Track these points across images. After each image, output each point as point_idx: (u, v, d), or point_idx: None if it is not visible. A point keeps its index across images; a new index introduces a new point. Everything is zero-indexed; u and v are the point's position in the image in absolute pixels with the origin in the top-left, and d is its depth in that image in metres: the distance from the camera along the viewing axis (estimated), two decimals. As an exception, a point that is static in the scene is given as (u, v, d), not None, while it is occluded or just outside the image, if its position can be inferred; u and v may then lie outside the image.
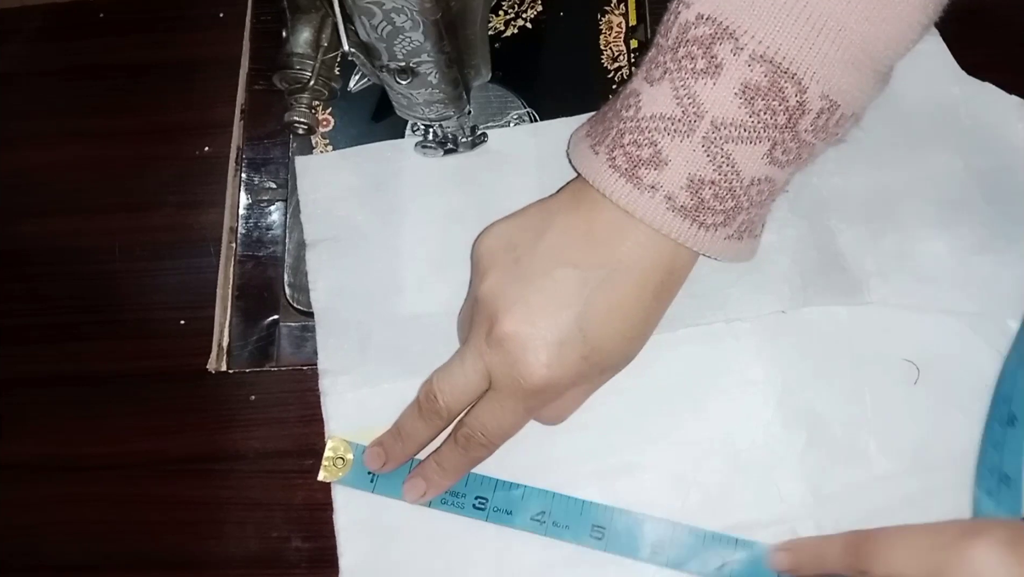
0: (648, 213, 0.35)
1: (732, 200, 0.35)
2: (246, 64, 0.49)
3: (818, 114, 0.34)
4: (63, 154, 0.49)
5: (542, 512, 0.40)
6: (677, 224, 0.35)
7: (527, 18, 0.48)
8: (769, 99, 0.33)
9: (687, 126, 0.34)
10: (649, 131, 0.35)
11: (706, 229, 0.35)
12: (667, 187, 0.34)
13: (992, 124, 0.43)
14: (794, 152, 0.35)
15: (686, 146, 0.34)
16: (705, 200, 0.34)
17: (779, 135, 0.34)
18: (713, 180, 0.34)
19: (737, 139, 0.34)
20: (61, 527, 0.44)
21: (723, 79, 0.33)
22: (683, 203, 0.34)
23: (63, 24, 0.52)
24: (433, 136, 0.44)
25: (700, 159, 0.34)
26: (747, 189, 0.35)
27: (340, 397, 0.42)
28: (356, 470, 0.41)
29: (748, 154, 0.34)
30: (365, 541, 0.40)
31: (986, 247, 0.42)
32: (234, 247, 0.47)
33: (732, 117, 0.33)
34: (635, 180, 0.35)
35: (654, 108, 0.35)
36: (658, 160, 0.34)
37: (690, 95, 0.34)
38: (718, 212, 0.35)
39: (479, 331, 0.37)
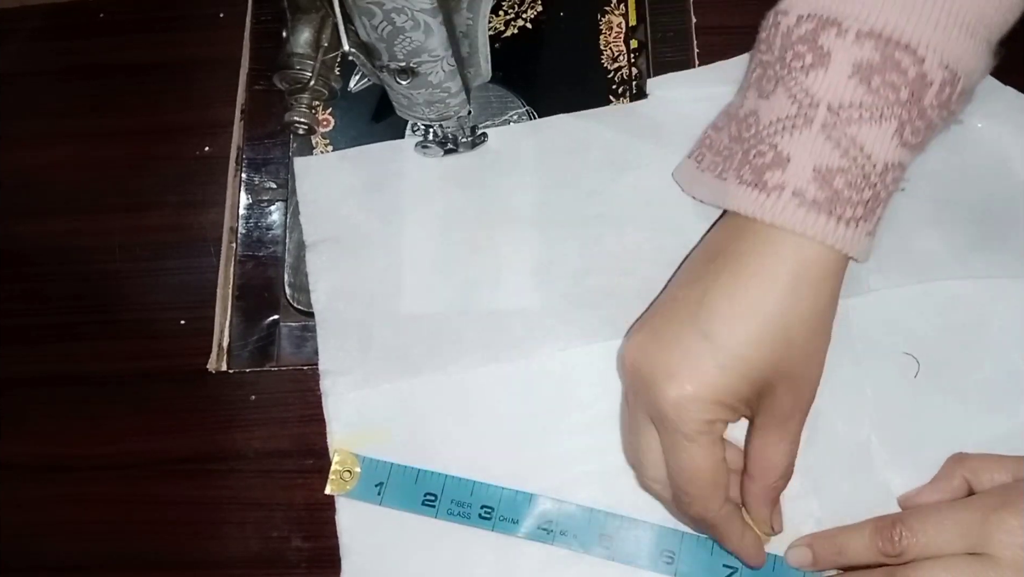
0: (777, 214, 0.33)
1: (870, 189, 0.33)
2: (246, 64, 0.49)
3: (941, 86, 0.32)
4: (63, 154, 0.49)
5: (549, 521, 0.39)
6: (811, 220, 0.32)
7: (527, 18, 0.48)
8: (886, 74, 0.32)
9: (803, 119, 0.33)
10: (768, 136, 0.34)
11: (847, 224, 0.32)
12: (793, 182, 0.33)
13: (990, 116, 0.43)
14: (922, 131, 0.33)
15: (805, 137, 0.33)
16: (839, 191, 0.32)
17: (905, 112, 0.32)
18: (842, 167, 0.32)
19: (859, 120, 0.32)
20: (61, 527, 0.44)
21: (833, 64, 0.32)
22: (814, 196, 0.32)
23: (63, 24, 0.52)
24: (433, 136, 0.44)
25: (822, 147, 0.32)
26: (882, 176, 0.33)
27: (341, 398, 0.42)
28: (363, 483, 0.40)
29: (876, 135, 0.32)
30: (367, 542, 0.40)
31: (982, 245, 0.42)
32: (234, 247, 0.47)
33: (850, 98, 0.32)
34: (761, 186, 0.33)
35: (771, 115, 0.34)
36: (780, 159, 0.33)
37: (803, 89, 0.33)
38: (857, 204, 0.33)
39: (624, 383, 0.36)
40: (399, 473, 0.41)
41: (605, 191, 0.44)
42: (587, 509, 0.39)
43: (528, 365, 0.42)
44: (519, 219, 0.44)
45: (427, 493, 0.40)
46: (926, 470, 0.39)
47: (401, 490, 0.40)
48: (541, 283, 0.43)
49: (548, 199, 0.44)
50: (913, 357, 0.40)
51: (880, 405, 0.40)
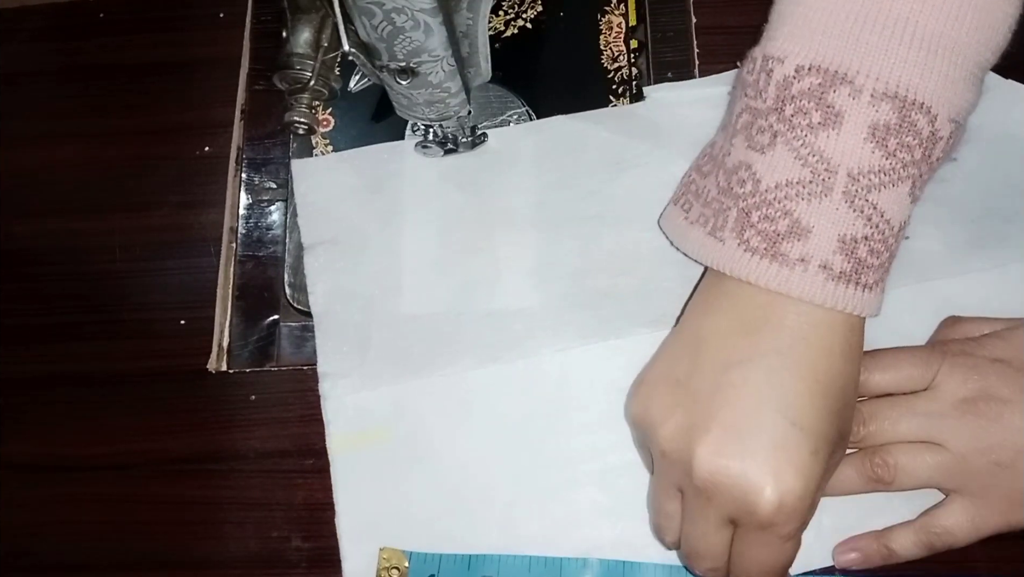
0: (806, 290, 0.31)
1: (887, 252, 0.32)
2: (246, 64, 0.49)
3: (948, 139, 0.32)
4: (63, 154, 0.49)
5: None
6: (840, 293, 0.31)
7: (527, 18, 0.48)
8: (902, 136, 0.31)
9: (821, 186, 0.31)
10: (779, 201, 0.32)
11: (869, 290, 0.32)
12: (818, 256, 0.31)
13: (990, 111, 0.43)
14: (926, 182, 0.33)
15: (827, 207, 0.31)
16: (862, 259, 0.32)
17: (916, 170, 0.32)
18: (867, 236, 0.32)
19: (880, 185, 0.31)
20: (61, 527, 0.44)
21: (847, 126, 0.31)
22: (841, 269, 0.31)
23: (63, 24, 0.52)
24: (433, 136, 0.44)
25: (846, 217, 0.31)
26: (897, 236, 0.32)
27: (340, 400, 0.42)
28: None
29: (894, 198, 0.31)
30: (368, 544, 0.40)
31: (980, 244, 0.42)
32: (234, 247, 0.47)
33: (869, 164, 0.31)
34: (780, 258, 0.32)
35: (776, 176, 0.32)
36: (799, 229, 0.32)
37: (814, 152, 0.31)
38: (876, 268, 0.32)
39: (687, 486, 0.33)
40: (450, 563, 0.39)
41: (604, 191, 0.44)
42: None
43: (527, 366, 0.42)
44: (518, 220, 0.44)
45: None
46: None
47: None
48: (540, 283, 0.43)
49: (547, 200, 0.44)
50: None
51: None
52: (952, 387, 0.35)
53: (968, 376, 0.35)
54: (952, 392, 0.35)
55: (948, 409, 0.35)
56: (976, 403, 0.35)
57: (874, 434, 0.36)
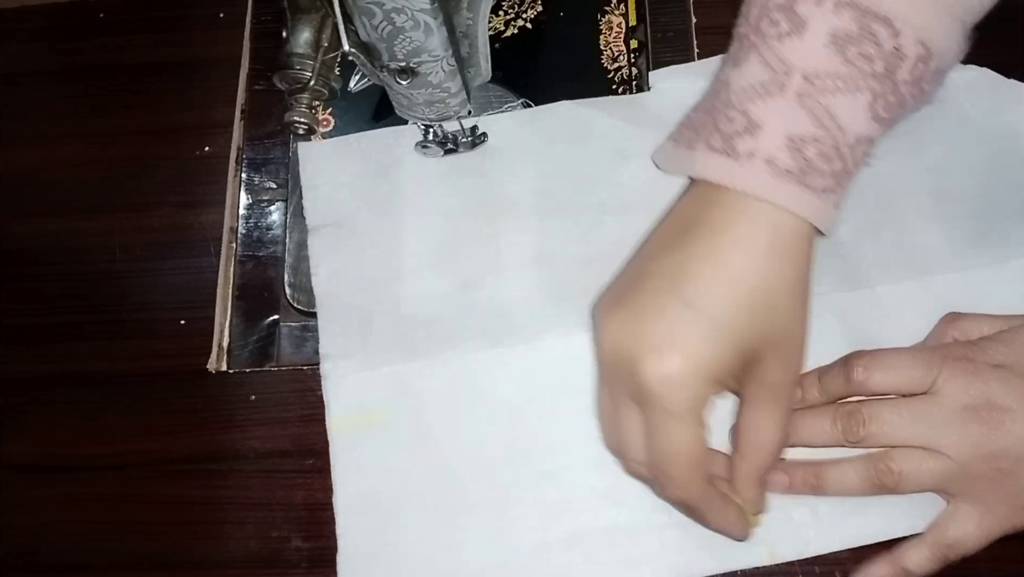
0: (749, 182, 0.32)
1: (840, 161, 0.32)
2: (246, 64, 0.49)
3: (915, 62, 0.32)
4: (63, 154, 0.49)
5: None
6: (782, 189, 0.32)
7: (527, 18, 0.48)
8: (862, 45, 0.31)
9: (778, 86, 0.32)
10: (739, 103, 0.33)
11: (816, 195, 0.32)
12: (765, 150, 0.32)
13: (992, 109, 0.43)
14: (895, 107, 0.33)
15: (779, 104, 0.32)
16: (811, 160, 0.32)
17: (879, 85, 0.32)
18: (816, 136, 0.32)
19: (834, 90, 0.32)
20: (61, 527, 0.44)
21: (809, 33, 0.32)
22: (786, 165, 0.32)
23: (63, 24, 0.52)
24: (433, 136, 0.44)
25: (797, 115, 0.32)
26: (852, 148, 0.32)
27: (341, 380, 0.42)
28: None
29: (849, 106, 0.32)
30: (364, 524, 0.40)
31: (982, 240, 0.42)
32: (234, 247, 0.47)
33: (825, 68, 0.32)
34: (732, 153, 0.33)
35: (742, 81, 0.33)
36: (751, 126, 0.32)
37: (777, 57, 0.32)
38: (827, 175, 0.32)
39: (602, 365, 0.34)
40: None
41: (606, 179, 0.44)
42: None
43: (528, 351, 0.42)
44: (521, 206, 0.44)
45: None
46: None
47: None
48: (542, 270, 0.43)
49: (549, 186, 0.44)
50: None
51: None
52: (953, 393, 0.35)
53: (969, 382, 0.35)
54: (953, 398, 0.35)
55: (950, 415, 0.35)
56: (978, 410, 0.35)
57: (875, 435, 0.36)
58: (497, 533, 0.40)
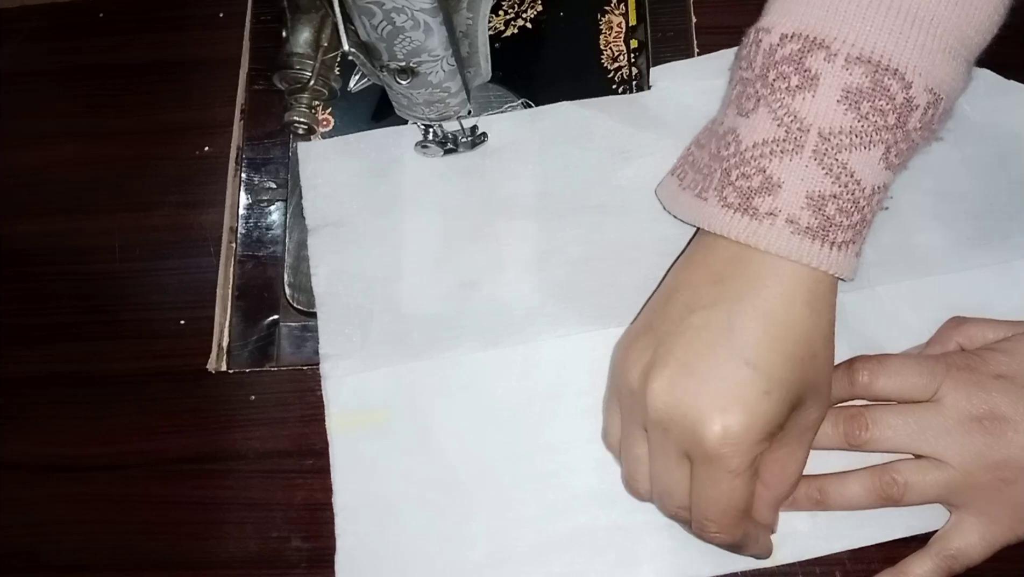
0: (772, 242, 0.33)
1: (858, 213, 0.33)
2: (246, 64, 0.49)
3: (925, 109, 0.33)
4: (63, 154, 0.49)
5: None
6: (806, 247, 0.33)
7: (527, 18, 0.48)
8: (875, 100, 0.32)
9: (793, 144, 0.33)
10: (755, 159, 0.33)
11: (838, 248, 0.33)
12: (786, 210, 0.33)
13: (992, 110, 0.43)
14: (904, 153, 0.33)
15: (797, 164, 0.33)
16: (831, 217, 0.33)
17: (891, 136, 0.33)
18: (834, 193, 0.33)
19: (850, 146, 0.32)
20: (61, 527, 0.44)
21: (822, 89, 0.32)
22: (808, 224, 0.33)
23: (63, 24, 0.52)
24: (433, 136, 0.44)
25: (815, 174, 0.32)
26: (869, 199, 0.33)
27: (340, 380, 0.42)
28: None
29: (865, 161, 0.33)
30: (363, 524, 0.40)
31: (983, 240, 0.42)
32: (234, 247, 0.47)
33: (840, 125, 0.32)
34: (751, 212, 0.33)
35: (754, 136, 0.34)
36: (770, 185, 0.33)
37: (790, 113, 0.33)
38: (847, 228, 0.33)
39: (648, 423, 0.34)
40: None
41: (607, 180, 0.44)
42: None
43: (527, 351, 0.42)
44: (520, 206, 0.44)
45: None
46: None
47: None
48: (542, 270, 0.43)
49: (549, 187, 0.44)
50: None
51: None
52: (956, 403, 0.35)
53: (972, 394, 0.35)
54: (957, 408, 0.35)
55: (953, 425, 0.35)
56: (981, 421, 0.35)
57: (877, 440, 0.36)
58: (497, 533, 0.40)
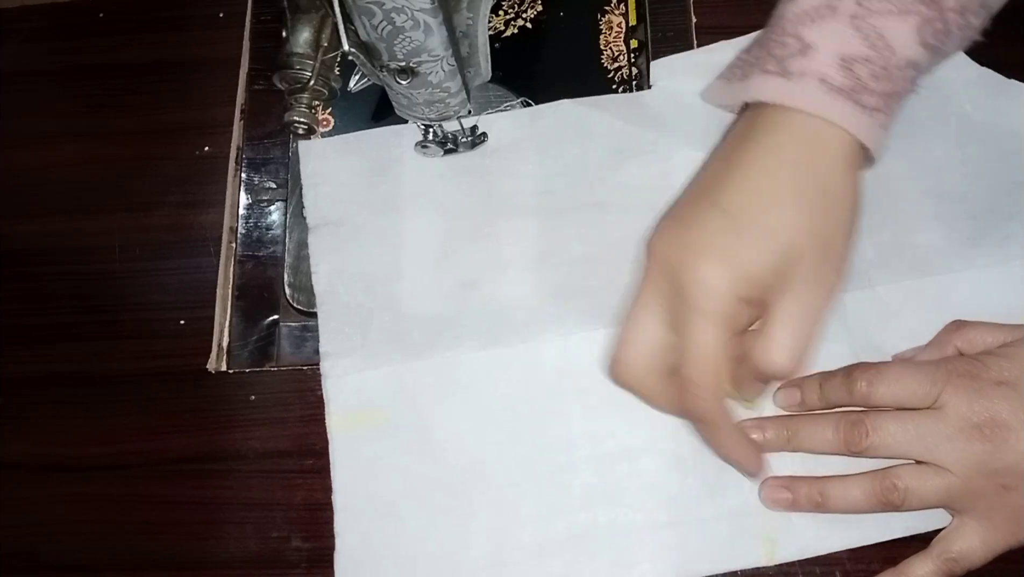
0: (801, 99, 0.34)
1: (889, 82, 0.34)
2: (246, 64, 0.49)
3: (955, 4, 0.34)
4: (63, 154, 0.49)
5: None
6: (835, 105, 0.33)
7: (527, 18, 0.48)
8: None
9: (830, 10, 0.34)
10: (793, 28, 0.35)
11: (867, 113, 0.34)
12: (818, 69, 0.34)
13: (993, 109, 0.43)
14: (941, 34, 0.34)
15: (832, 26, 0.34)
16: (862, 79, 0.34)
17: (927, 9, 0.34)
18: (867, 57, 0.34)
19: (885, 12, 0.34)
20: (61, 527, 0.44)
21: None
22: (839, 83, 0.33)
23: (63, 24, 0.52)
24: (433, 136, 0.44)
25: (849, 36, 0.34)
26: (904, 70, 0.34)
27: (340, 379, 0.42)
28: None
29: (899, 29, 0.34)
30: (362, 523, 0.40)
31: (983, 240, 0.42)
32: (234, 247, 0.47)
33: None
34: (785, 74, 0.34)
35: (795, 8, 0.35)
36: (805, 48, 0.34)
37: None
38: (877, 94, 0.34)
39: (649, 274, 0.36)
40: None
41: (607, 179, 0.44)
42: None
43: (528, 351, 0.42)
44: (521, 206, 0.44)
45: None
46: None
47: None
48: (542, 270, 0.43)
49: (549, 186, 0.44)
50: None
51: None
52: (957, 410, 0.35)
53: (973, 400, 0.35)
54: (957, 415, 0.35)
55: (954, 432, 0.35)
56: (982, 428, 0.35)
57: (877, 447, 0.36)
58: (496, 532, 0.40)
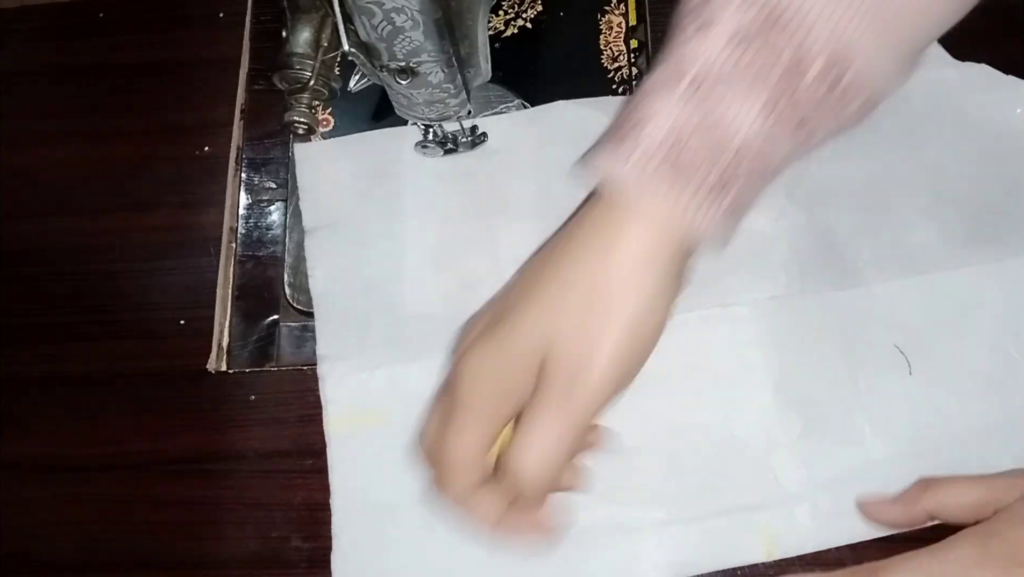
0: (622, 173, 0.31)
1: (724, 162, 0.31)
2: (246, 64, 0.49)
3: (820, 75, 0.30)
4: (63, 154, 0.49)
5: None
6: (654, 183, 0.31)
7: (527, 18, 0.48)
8: (760, 48, 0.30)
9: (674, 81, 0.31)
10: (638, 98, 0.32)
11: (694, 198, 0.31)
12: (645, 144, 0.31)
13: (991, 105, 0.43)
14: (794, 119, 0.31)
15: (669, 99, 0.31)
16: (691, 161, 0.31)
17: (775, 89, 0.30)
18: (698, 133, 0.31)
19: (726, 89, 0.30)
20: (61, 527, 0.44)
21: (715, 30, 0.31)
22: (663, 159, 0.31)
23: (63, 24, 0.52)
24: (433, 136, 0.44)
25: (683, 111, 0.31)
26: (738, 154, 0.31)
27: (338, 382, 0.42)
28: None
29: (735, 111, 0.30)
30: (360, 523, 0.40)
31: (979, 238, 0.42)
32: (234, 247, 0.47)
33: (720, 66, 0.30)
34: (618, 146, 0.32)
35: (649, 79, 0.32)
36: (641, 120, 0.32)
37: (678, 55, 0.32)
38: (705, 179, 0.31)
39: None
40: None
41: None
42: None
43: None
44: (520, 206, 0.44)
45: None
46: (920, 460, 0.39)
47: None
48: None
49: (549, 187, 0.44)
50: (904, 355, 0.41)
51: (874, 396, 0.40)
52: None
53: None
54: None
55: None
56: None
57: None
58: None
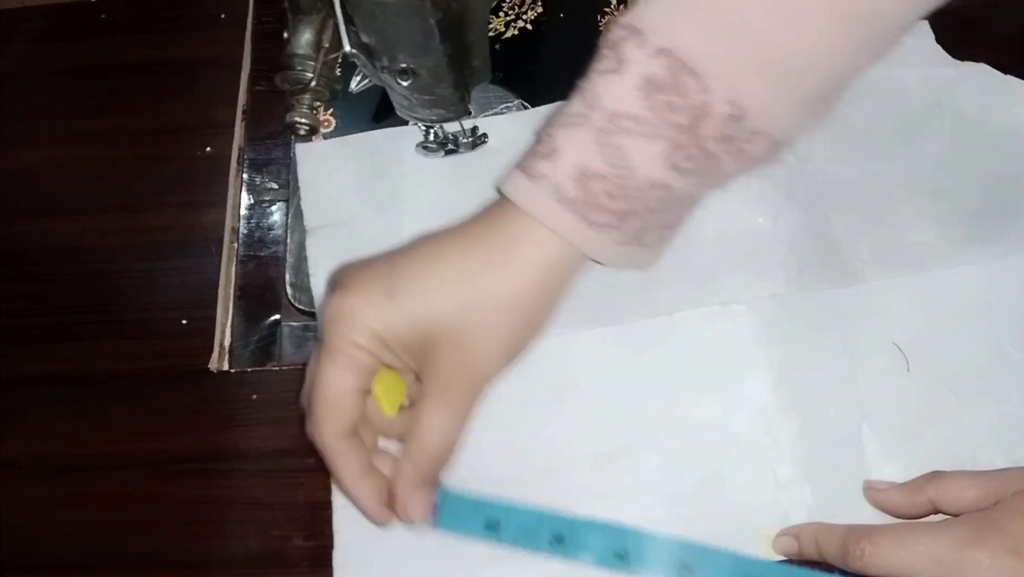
0: (532, 202, 0.34)
1: (625, 201, 0.33)
2: (247, 65, 0.49)
3: (723, 121, 0.33)
4: (63, 154, 0.49)
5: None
6: (557, 214, 0.33)
7: (527, 19, 0.49)
8: (669, 94, 0.32)
9: (584, 118, 0.33)
10: (552, 127, 0.34)
11: (593, 228, 0.34)
12: (555, 177, 0.33)
13: (990, 105, 0.43)
14: (698, 160, 0.33)
15: (579, 136, 0.33)
16: (595, 195, 0.33)
17: (679, 136, 0.33)
18: (603, 174, 0.33)
19: (633, 133, 0.33)
20: (61, 527, 0.44)
21: (626, 74, 0.33)
22: (571, 195, 0.33)
23: (63, 24, 0.52)
24: (434, 137, 0.44)
25: (590, 149, 0.33)
26: (642, 191, 0.33)
27: None
28: None
29: (643, 151, 0.33)
30: (361, 521, 0.40)
31: (978, 236, 0.42)
32: (236, 247, 0.47)
33: (628, 110, 0.32)
34: (528, 172, 0.34)
35: (565, 108, 0.34)
36: (552, 152, 0.34)
37: (593, 92, 0.33)
38: (608, 212, 0.34)
39: None
40: (455, 502, 0.39)
41: None
42: (664, 537, 0.38)
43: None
44: None
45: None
46: (918, 459, 0.39)
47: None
48: None
49: None
50: (902, 353, 0.41)
51: (872, 395, 0.40)
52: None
53: None
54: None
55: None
56: None
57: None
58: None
